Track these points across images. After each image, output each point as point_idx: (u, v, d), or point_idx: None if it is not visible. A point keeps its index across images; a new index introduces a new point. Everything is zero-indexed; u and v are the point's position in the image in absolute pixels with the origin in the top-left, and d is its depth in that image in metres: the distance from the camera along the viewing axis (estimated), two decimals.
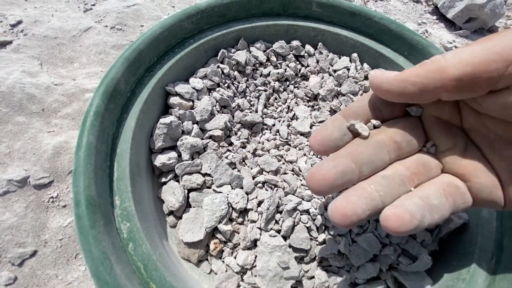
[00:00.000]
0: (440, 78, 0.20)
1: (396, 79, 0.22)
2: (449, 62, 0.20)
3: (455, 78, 0.19)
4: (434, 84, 0.20)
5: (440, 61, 0.20)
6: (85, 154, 0.31)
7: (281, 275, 0.36)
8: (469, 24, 0.97)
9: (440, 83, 0.20)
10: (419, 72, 0.21)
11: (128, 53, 0.39)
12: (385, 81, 0.23)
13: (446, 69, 0.20)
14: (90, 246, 0.26)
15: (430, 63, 0.21)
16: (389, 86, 0.22)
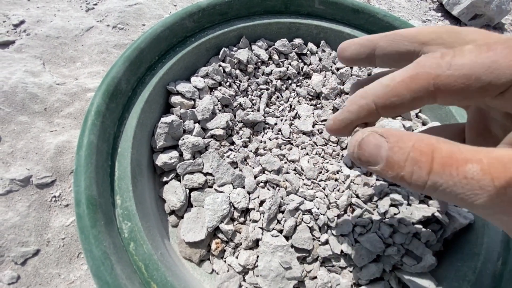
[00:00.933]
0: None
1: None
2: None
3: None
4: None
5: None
6: (86, 154, 0.31)
7: (283, 276, 0.36)
8: (475, 21, 0.95)
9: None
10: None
11: (129, 52, 0.39)
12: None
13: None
14: (91, 246, 0.26)
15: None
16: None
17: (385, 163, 0.15)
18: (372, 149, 0.16)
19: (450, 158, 0.13)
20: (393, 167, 0.14)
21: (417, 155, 0.13)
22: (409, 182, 0.14)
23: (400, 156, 0.14)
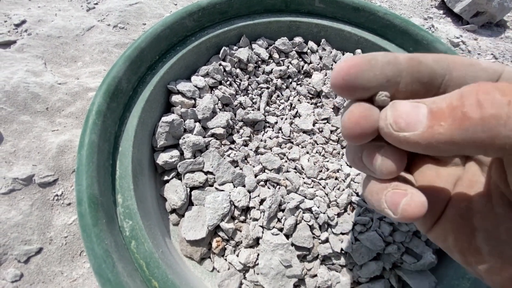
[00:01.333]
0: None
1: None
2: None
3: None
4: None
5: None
6: (88, 153, 0.31)
7: (284, 274, 0.36)
8: (477, 18, 0.95)
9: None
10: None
11: (129, 51, 0.39)
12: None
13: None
14: (93, 244, 0.26)
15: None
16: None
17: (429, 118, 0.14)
18: (409, 111, 0.15)
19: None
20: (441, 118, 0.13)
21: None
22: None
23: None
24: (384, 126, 0.15)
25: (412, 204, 0.16)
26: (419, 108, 0.14)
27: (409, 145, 0.15)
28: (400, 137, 0.15)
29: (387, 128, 0.15)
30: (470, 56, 0.84)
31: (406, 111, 0.15)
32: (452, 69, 0.16)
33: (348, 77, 0.16)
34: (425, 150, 0.14)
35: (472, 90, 0.13)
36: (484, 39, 0.90)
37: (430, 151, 0.14)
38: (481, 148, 0.13)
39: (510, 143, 0.12)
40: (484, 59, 0.84)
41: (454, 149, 0.13)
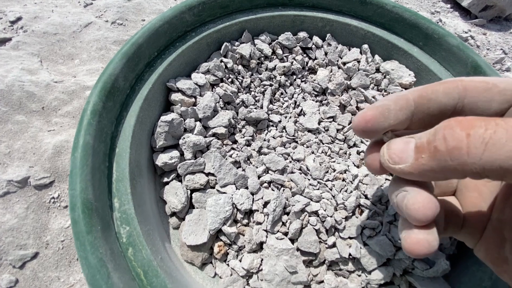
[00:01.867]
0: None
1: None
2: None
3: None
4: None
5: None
6: (82, 155, 0.29)
7: (289, 280, 0.35)
8: (486, 12, 0.92)
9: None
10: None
11: (126, 48, 0.38)
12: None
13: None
14: (87, 253, 0.25)
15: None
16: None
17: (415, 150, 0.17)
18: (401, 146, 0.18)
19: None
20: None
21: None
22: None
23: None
24: (383, 161, 0.19)
25: (408, 240, 0.18)
26: (409, 144, 0.17)
27: (405, 174, 0.17)
28: (396, 169, 0.18)
29: (385, 162, 0.19)
30: (479, 51, 0.81)
31: (399, 149, 0.18)
32: (464, 97, 0.18)
33: (367, 129, 0.19)
34: (420, 178, 0.17)
35: (441, 126, 0.15)
36: (493, 34, 0.87)
37: (423, 178, 0.17)
38: (459, 174, 0.14)
39: (477, 168, 0.14)
40: (493, 54, 0.81)
41: (439, 176, 0.16)
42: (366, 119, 0.19)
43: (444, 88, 0.19)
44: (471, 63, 0.43)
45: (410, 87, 0.48)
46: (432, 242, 0.17)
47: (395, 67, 0.49)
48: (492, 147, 0.13)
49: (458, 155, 0.14)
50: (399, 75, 0.48)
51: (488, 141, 0.13)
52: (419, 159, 0.16)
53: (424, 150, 0.16)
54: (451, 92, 0.18)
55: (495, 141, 0.13)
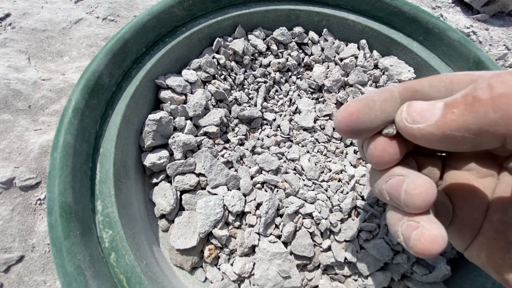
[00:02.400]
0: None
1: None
2: None
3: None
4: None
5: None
6: (61, 156, 0.28)
7: (282, 285, 0.33)
8: (488, 7, 0.90)
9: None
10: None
11: (111, 43, 0.36)
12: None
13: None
14: (63, 260, 0.23)
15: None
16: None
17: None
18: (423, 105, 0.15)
19: None
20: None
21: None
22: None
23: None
24: (399, 120, 0.16)
25: (422, 239, 0.15)
26: (436, 104, 0.15)
27: (423, 138, 0.15)
28: (414, 129, 0.15)
29: (402, 121, 0.16)
30: (481, 47, 0.79)
31: (422, 107, 0.15)
32: (451, 90, 0.17)
33: (352, 124, 0.17)
34: (440, 143, 0.14)
35: (485, 76, 0.13)
36: (496, 29, 0.85)
37: (445, 144, 0.14)
38: (496, 133, 0.12)
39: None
40: (495, 50, 0.79)
41: (470, 138, 0.13)
42: (350, 112, 0.17)
43: (429, 81, 0.17)
44: (473, 58, 0.41)
45: None
46: (446, 237, 0.15)
47: (394, 63, 0.47)
48: None
49: (506, 104, 0.12)
50: (398, 71, 0.46)
51: None
52: (448, 114, 0.13)
53: (457, 104, 0.13)
54: (436, 85, 0.17)
55: None
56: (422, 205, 0.15)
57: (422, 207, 0.15)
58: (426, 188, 0.15)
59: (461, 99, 0.13)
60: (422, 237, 0.15)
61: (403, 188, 0.16)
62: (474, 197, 0.19)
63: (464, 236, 0.19)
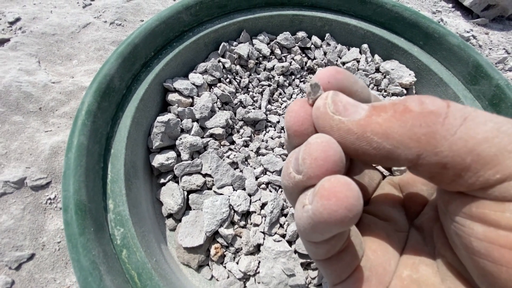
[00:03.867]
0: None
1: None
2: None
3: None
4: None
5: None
6: (76, 156, 0.29)
7: (286, 283, 0.34)
8: (488, 11, 0.91)
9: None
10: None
11: (122, 47, 0.37)
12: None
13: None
14: (79, 255, 0.24)
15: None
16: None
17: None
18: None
19: None
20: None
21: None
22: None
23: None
24: (321, 104, 0.14)
25: (326, 192, 0.12)
26: (361, 104, 0.14)
27: (340, 132, 0.13)
28: (334, 120, 0.13)
29: (324, 107, 0.14)
30: (481, 51, 0.81)
31: (348, 101, 0.14)
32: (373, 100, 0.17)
33: (336, 81, 0.15)
34: (354, 143, 0.13)
35: (415, 95, 0.13)
36: (496, 34, 0.86)
37: (359, 146, 0.13)
38: (414, 150, 0.12)
39: (445, 147, 0.11)
40: (495, 54, 0.80)
41: (385, 148, 0.12)
42: (338, 70, 0.15)
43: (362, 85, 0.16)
44: (472, 62, 0.42)
45: (410, 87, 0.47)
46: (355, 187, 0.12)
47: (395, 66, 0.48)
48: (471, 122, 0.11)
49: (433, 122, 0.11)
50: (399, 75, 0.47)
51: (467, 116, 0.11)
52: (373, 116, 0.12)
53: (386, 109, 0.12)
54: (366, 90, 0.17)
55: (474, 117, 0.11)
56: (320, 156, 0.12)
57: (320, 159, 0.12)
58: (331, 141, 0.13)
59: (391, 106, 0.13)
60: (325, 190, 0.12)
61: (302, 146, 0.13)
62: (388, 246, 0.16)
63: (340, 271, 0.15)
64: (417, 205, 0.18)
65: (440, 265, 0.15)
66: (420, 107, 0.12)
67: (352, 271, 0.15)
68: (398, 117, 0.12)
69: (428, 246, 0.16)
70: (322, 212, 0.11)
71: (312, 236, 0.13)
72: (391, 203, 0.18)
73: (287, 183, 0.14)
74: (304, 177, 0.13)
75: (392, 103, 0.13)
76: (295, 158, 0.14)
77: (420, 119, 0.12)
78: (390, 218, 0.18)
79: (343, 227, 0.12)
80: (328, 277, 0.16)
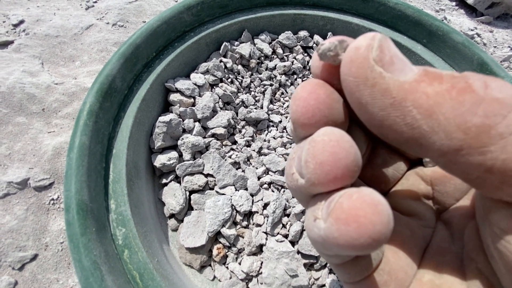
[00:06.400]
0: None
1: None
2: None
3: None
4: None
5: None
6: (78, 156, 0.29)
7: (289, 284, 0.34)
8: (492, 9, 0.90)
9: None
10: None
11: (124, 48, 0.37)
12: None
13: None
14: (80, 255, 0.24)
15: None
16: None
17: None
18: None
19: None
20: None
21: None
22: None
23: None
24: (364, 45, 0.10)
25: (348, 209, 0.09)
26: (408, 63, 0.10)
27: (374, 89, 0.10)
28: (374, 71, 0.10)
29: (367, 49, 0.10)
30: (485, 49, 0.80)
31: (396, 52, 0.10)
32: None
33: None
34: (385, 109, 0.10)
35: (477, 75, 0.10)
36: (500, 31, 0.85)
37: (388, 116, 0.10)
38: (457, 141, 0.09)
39: (497, 150, 0.09)
40: (500, 52, 0.79)
41: (422, 127, 0.09)
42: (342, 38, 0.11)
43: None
44: (477, 60, 0.42)
45: None
46: (385, 208, 0.09)
47: None
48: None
49: (495, 112, 0.09)
50: None
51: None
52: (423, 83, 0.10)
53: (441, 79, 0.10)
54: None
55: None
56: (328, 161, 0.10)
57: (328, 165, 0.10)
58: (342, 138, 0.10)
59: (449, 78, 0.10)
60: (343, 211, 0.09)
61: (308, 140, 0.11)
62: (411, 247, 0.14)
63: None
64: (450, 200, 0.15)
65: (469, 271, 0.12)
66: (484, 90, 0.09)
67: (368, 274, 0.13)
68: (455, 95, 0.09)
69: (455, 245, 0.13)
70: (337, 238, 0.09)
71: (323, 251, 0.11)
72: (416, 196, 0.16)
73: (290, 184, 0.12)
74: (307, 184, 0.10)
75: (451, 75, 0.10)
76: (299, 157, 0.11)
77: (480, 105, 0.09)
78: (415, 213, 0.15)
79: (363, 253, 0.09)
80: (340, 276, 0.14)
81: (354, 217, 0.09)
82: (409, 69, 0.10)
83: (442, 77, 0.10)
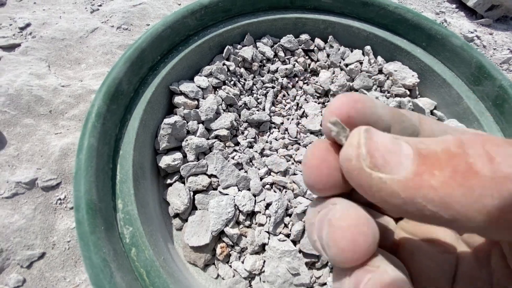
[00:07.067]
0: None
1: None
2: None
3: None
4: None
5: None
6: (86, 157, 0.30)
7: (291, 282, 0.34)
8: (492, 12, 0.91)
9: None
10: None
11: (130, 52, 0.38)
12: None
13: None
14: (90, 253, 0.25)
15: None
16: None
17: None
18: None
19: None
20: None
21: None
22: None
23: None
24: (353, 156, 0.10)
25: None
26: (401, 145, 0.10)
27: (381, 194, 0.10)
28: (373, 179, 0.10)
29: (357, 160, 0.10)
30: (485, 51, 0.80)
31: (386, 146, 0.10)
32: (423, 124, 0.13)
33: (355, 112, 0.12)
34: (401, 207, 0.09)
35: (474, 138, 0.09)
36: (500, 34, 0.86)
37: (406, 211, 0.10)
38: (484, 223, 0.09)
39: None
40: (500, 54, 0.80)
41: (444, 217, 0.09)
42: (355, 99, 0.11)
43: (391, 110, 0.13)
44: (475, 63, 0.42)
45: (414, 88, 0.48)
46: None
47: (398, 68, 0.49)
48: None
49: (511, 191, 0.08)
50: (402, 76, 0.48)
51: None
52: (425, 175, 0.09)
53: (441, 165, 0.09)
54: (401, 119, 0.13)
55: None
56: (348, 248, 0.10)
57: (349, 252, 0.10)
58: (359, 221, 0.10)
59: (447, 160, 0.09)
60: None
61: (326, 218, 0.11)
62: (442, 280, 0.13)
63: None
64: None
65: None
66: (490, 168, 0.08)
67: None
68: (460, 181, 0.08)
69: (483, 272, 0.13)
70: None
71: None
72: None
73: (315, 249, 0.12)
74: (331, 261, 0.10)
75: (447, 152, 0.09)
76: (318, 228, 0.11)
77: (492, 187, 0.08)
78: (435, 237, 0.14)
79: None
80: None
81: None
82: (404, 157, 0.10)
83: (440, 161, 0.09)
